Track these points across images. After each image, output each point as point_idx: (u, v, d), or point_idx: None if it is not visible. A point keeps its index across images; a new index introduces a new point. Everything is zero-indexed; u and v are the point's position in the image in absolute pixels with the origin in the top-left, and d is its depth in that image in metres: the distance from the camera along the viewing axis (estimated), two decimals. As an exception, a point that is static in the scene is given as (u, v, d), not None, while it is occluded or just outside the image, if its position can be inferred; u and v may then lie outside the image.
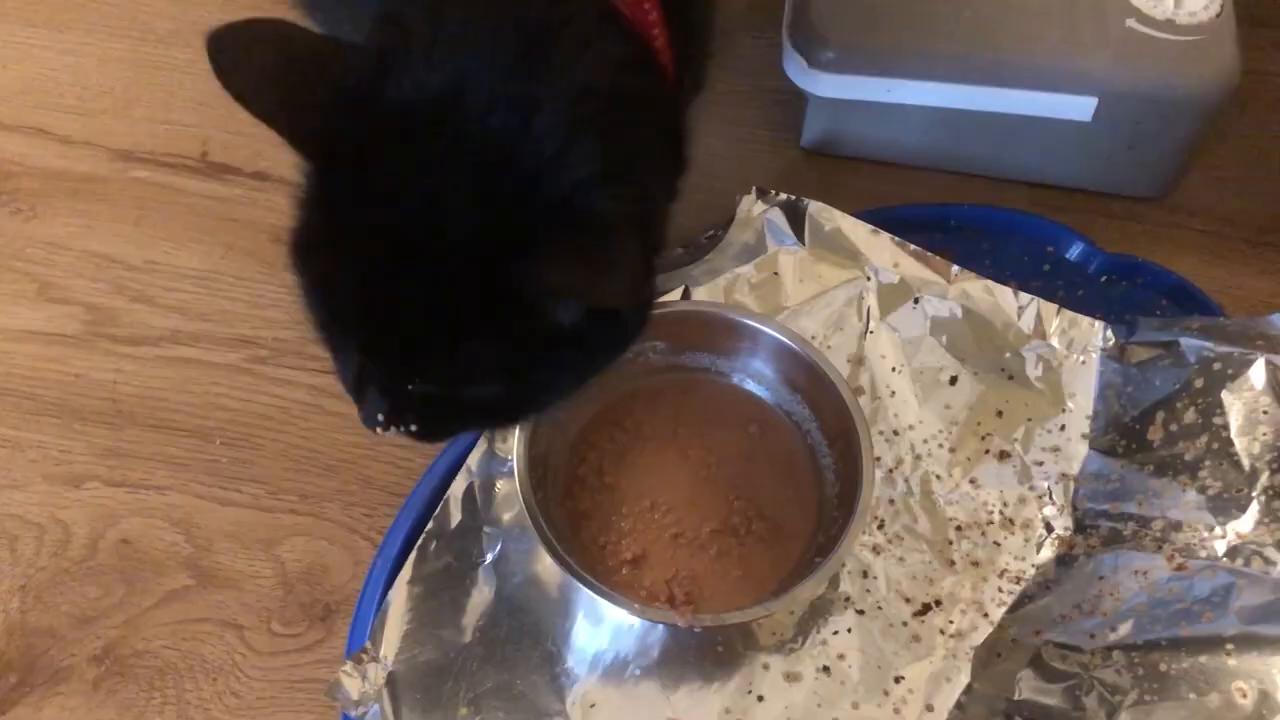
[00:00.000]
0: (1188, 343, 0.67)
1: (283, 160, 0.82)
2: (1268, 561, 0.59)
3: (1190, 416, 0.66)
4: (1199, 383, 0.66)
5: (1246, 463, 0.63)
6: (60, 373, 0.73)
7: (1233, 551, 0.61)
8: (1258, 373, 0.64)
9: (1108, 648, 0.59)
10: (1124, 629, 0.59)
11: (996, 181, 0.82)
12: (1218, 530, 0.62)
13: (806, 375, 0.68)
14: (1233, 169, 0.83)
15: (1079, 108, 0.75)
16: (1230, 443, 0.63)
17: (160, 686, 0.63)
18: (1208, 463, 0.64)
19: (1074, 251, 0.78)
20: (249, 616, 0.66)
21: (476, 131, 0.48)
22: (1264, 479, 0.62)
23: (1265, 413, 0.63)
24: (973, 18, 0.76)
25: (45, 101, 0.84)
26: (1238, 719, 0.53)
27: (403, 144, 0.49)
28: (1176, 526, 0.63)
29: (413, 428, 0.55)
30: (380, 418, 0.55)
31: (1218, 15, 0.75)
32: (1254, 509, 0.61)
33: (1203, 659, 0.55)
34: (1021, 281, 0.76)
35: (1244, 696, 0.53)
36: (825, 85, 0.77)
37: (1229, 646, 0.55)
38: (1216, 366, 0.66)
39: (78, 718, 0.63)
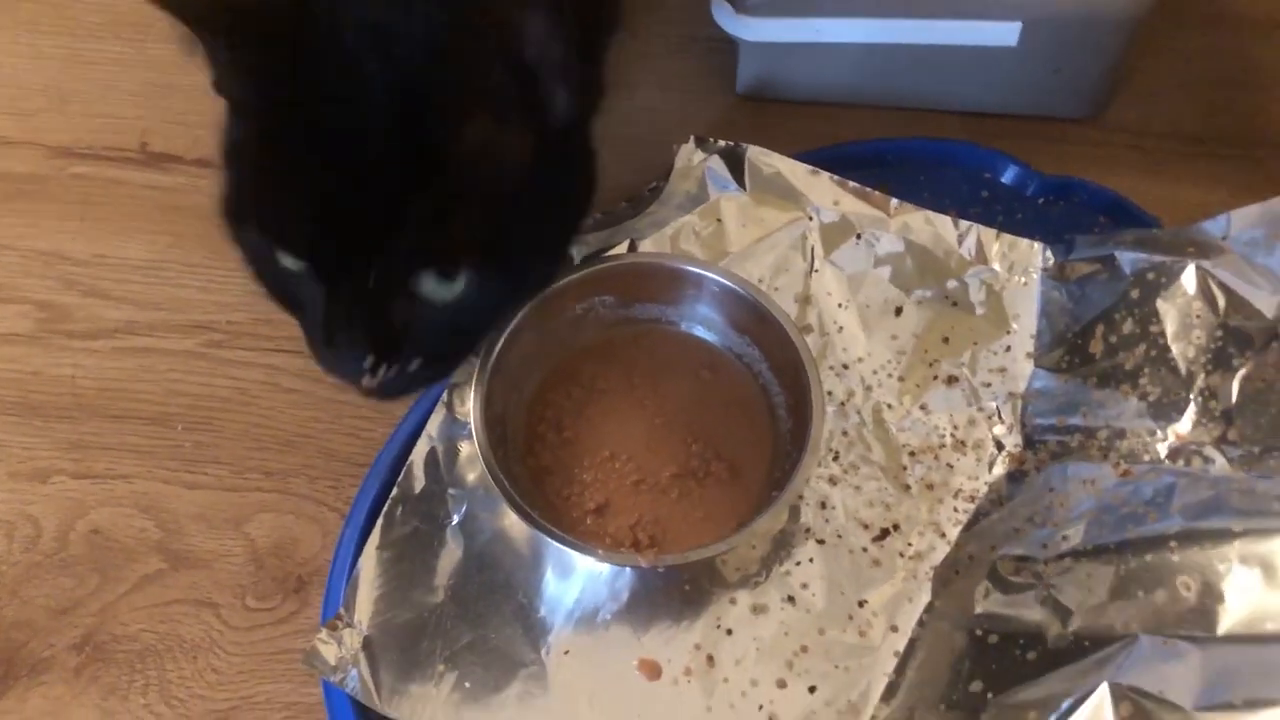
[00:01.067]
0: (1123, 255, 0.69)
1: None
2: (1206, 460, 0.61)
3: (1129, 327, 0.67)
4: (1135, 294, 0.67)
5: (1183, 367, 0.64)
6: (17, 371, 0.73)
7: (1174, 453, 0.62)
8: (1189, 279, 0.65)
9: (1060, 555, 0.61)
10: (1075, 537, 0.61)
11: (932, 113, 0.82)
12: (1159, 434, 0.64)
13: (752, 317, 0.69)
14: (1162, 83, 0.84)
15: (1004, 33, 0.76)
16: (1167, 349, 0.65)
17: (141, 669, 0.65)
18: (1147, 370, 0.65)
19: (1010, 176, 0.79)
20: (223, 594, 0.67)
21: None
22: (1200, 381, 0.63)
23: (1198, 317, 0.64)
24: (894, -48, 0.76)
25: (-19, 103, 0.84)
26: (1183, 610, 0.54)
27: (324, 47, 0.51)
28: (1120, 434, 0.65)
29: (410, 364, 0.55)
30: (368, 361, 0.54)
31: (1134, -69, 0.76)
32: (1191, 410, 0.63)
33: (1148, 558, 0.57)
34: (960, 209, 0.77)
35: (1188, 590, 0.54)
36: (754, 30, 0.78)
37: (1172, 544, 0.57)
38: (1150, 276, 0.67)
39: (63, 705, 0.64)
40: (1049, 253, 0.73)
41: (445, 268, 0.54)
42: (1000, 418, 0.69)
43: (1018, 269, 0.74)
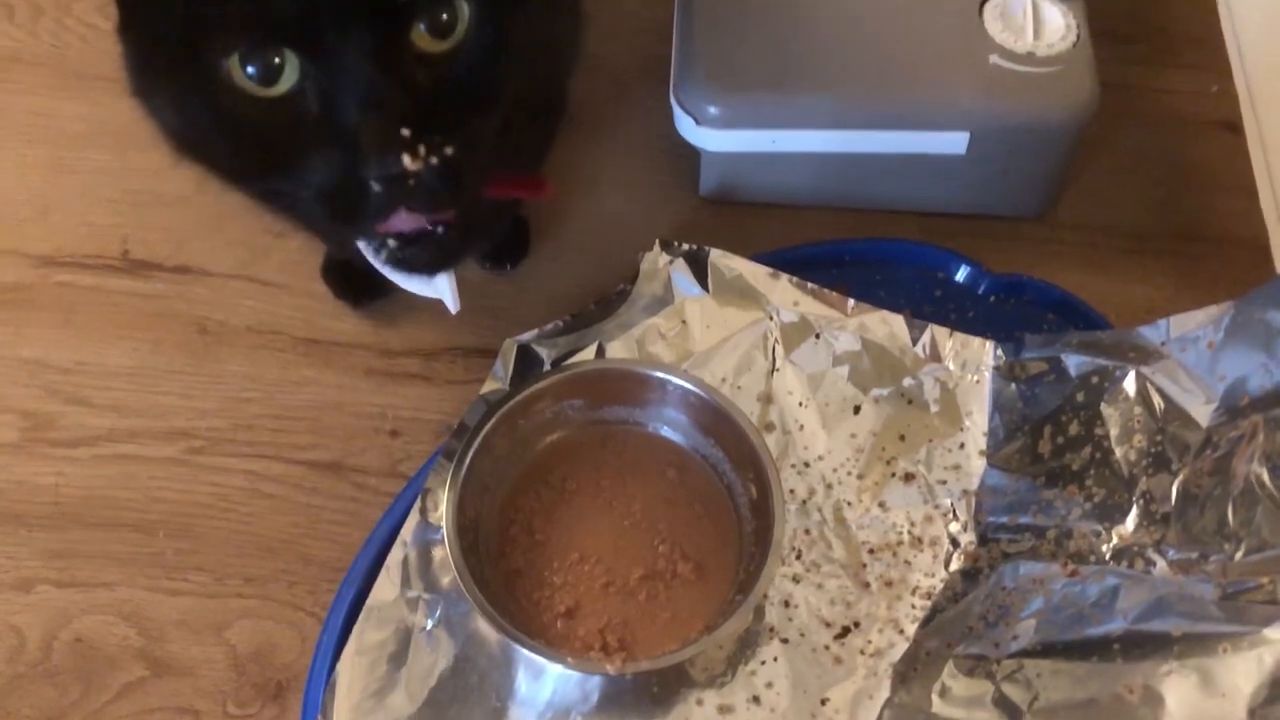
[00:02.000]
0: (1069, 358, 0.72)
1: (203, 252, 0.85)
2: (1148, 562, 0.64)
3: (1075, 429, 0.70)
4: (1080, 396, 0.71)
5: (1125, 469, 0.67)
6: (2, 481, 0.75)
7: (1118, 554, 0.65)
8: (1130, 384, 0.69)
9: (1012, 655, 0.63)
10: (1025, 636, 0.63)
11: (887, 214, 0.86)
12: (1104, 535, 0.67)
13: (716, 419, 0.72)
14: (1106, 182, 0.88)
15: (953, 143, 0.79)
16: (1111, 452, 0.68)
17: (124, 778, 0.66)
18: (1092, 471, 0.68)
19: (962, 274, 0.82)
20: (205, 701, 0.68)
21: None
22: (1141, 484, 0.66)
23: (1139, 421, 0.67)
24: (844, 67, 0.80)
25: (-35, 213, 0.86)
26: (1127, 714, 0.57)
27: None
28: (1068, 534, 0.68)
29: (442, 148, 0.49)
30: (405, 132, 0.47)
31: (1074, 44, 0.79)
32: (1134, 513, 0.66)
33: (1094, 660, 0.59)
34: (915, 308, 0.80)
35: (1131, 693, 0.57)
36: (714, 141, 0.81)
37: (1116, 647, 0.59)
38: (1094, 380, 0.70)
39: (47, 816, 0.65)
40: (1000, 351, 0.77)
41: (438, 10, 0.49)
42: (955, 515, 0.72)
43: (970, 367, 0.77)
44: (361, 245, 0.65)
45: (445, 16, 0.48)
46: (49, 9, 0.96)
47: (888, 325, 0.78)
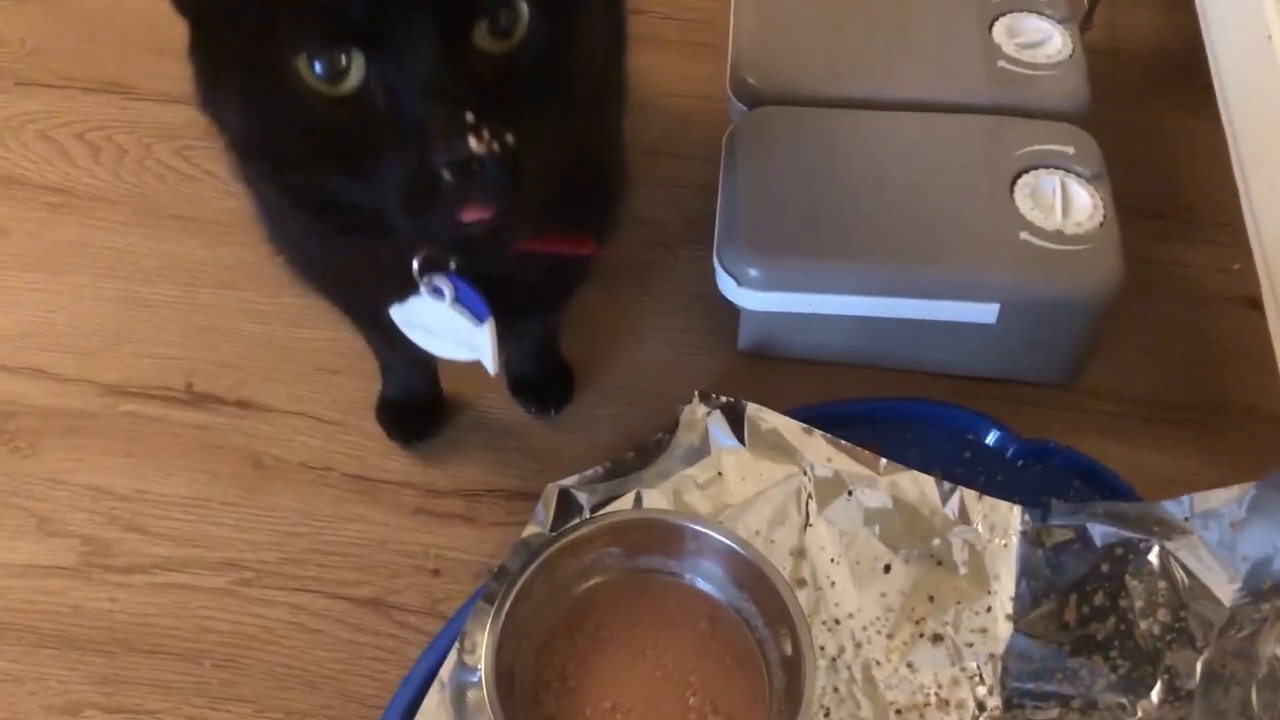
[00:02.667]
0: (1094, 528, 0.74)
1: (263, 387, 0.89)
2: (1173, 738, 0.65)
3: (1100, 599, 0.72)
4: (1105, 567, 0.72)
5: (1149, 643, 0.69)
6: (59, 604, 0.78)
7: (1143, 728, 0.67)
8: (1154, 557, 0.71)
9: (1037, 823, 0.64)
10: (1050, 805, 0.64)
11: (919, 375, 0.89)
12: (1129, 708, 0.68)
13: (750, 574, 0.74)
14: (1133, 352, 0.91)
15: (983, 313, 0.83)
16: (1135, 624, 0.70)
17: None
18: (1117, 643, 0.70)
19: (991, 438, 0.85)
20: (240, 833, 0.70)
21: None
22: (1166, 659, 0.68)
23: (1163, 595, 0.69)
24: (880, 238, 0.84)
25: (42, 343, 0.91)
26: None
27: None
28: (1093, 704, 0.69)
29: (504, 134, 0.49)
30: (470, 118, 0.48)
31: (1101, 224, 0.84)
32: (1159, 687, 0.67)
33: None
34: (945, 469, 0.83)
35: None
36: (754, 301, 0.85)
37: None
38: (1119, 551, 0.72)
39: None
40: (1027, 516, 0.79)
41: (502, 6, 0.50)
42: (981, 678, 0.73)
43: (998, 530, 0.79)
44: (397, 316, 0.64)
45: (504, 19, 0.50)
46: (132, 150, 1.03)
47: (919, 485, 0.81)
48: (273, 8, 0.48)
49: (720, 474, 0.82)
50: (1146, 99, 1.07)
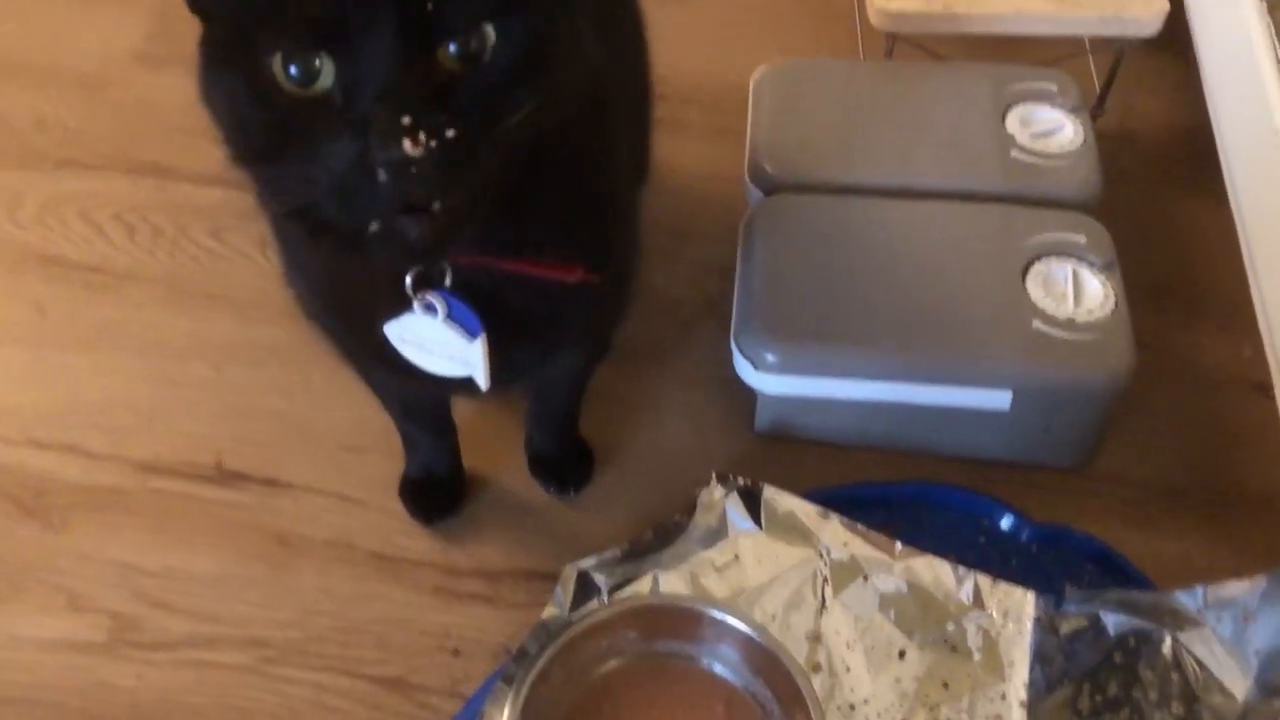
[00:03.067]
0: (1108, 616, 0.75)
1: (290, 466, 0.91)
2: (1189, 835, 0.65)
3: (1113, 689, 0.72)
4: (1118, 657, 0.73)
5: (1163, 735, 0.69)
6: (85, 681, 0.79)
7: (1158, 823, 0.67)
8: (1167, 649, 0.71)
9: None
10: None
11: (934, 457, 0.90)
12: (1143, 801, 0.68)
13: (765, 659, 0.75)
14: (1144, 437, 0.92)
15: (996, 399, 0.84)
16: (1148, 716, 0.70)
17: None
18: (1131, 734, 0.70)
19: (1005, 522, 0.86)
20: None
21: None
22: (1180, 751, 0.68)
23: (1176, 688, 0.70)
24: (894, 325, 0.86)
25: (76, 420, 0.93)
26: None
27: None
28: (1108, 796, 0.69)
29: (445, 131, 0.51)
30: (407, 120, 0.50)
31: (1112, 312, 0.85)
32: (1173, 781, 0.68)
33: None
34: (960, 553, 0.83)
35: None
36: (771, 385, 0.87)
37: None
38: (1132, 642, 0.73)
39: None
40: (1041, 602, 0.79)
41: (470, 31, 0.52)
42: (996, 767, 0.74)
43: (1012, 616, 0.79)
44: (391, 333, 0.65)
45: (473, 44, 0.52)
46: (167, 230, 1.06)
47: (933, 570, 0.82)
48: (250, 9, 0.52)
49: (737, 557, 0.83)
50: (1158, 183, 1.09)
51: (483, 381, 0.66)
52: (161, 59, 1.22)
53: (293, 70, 0.51)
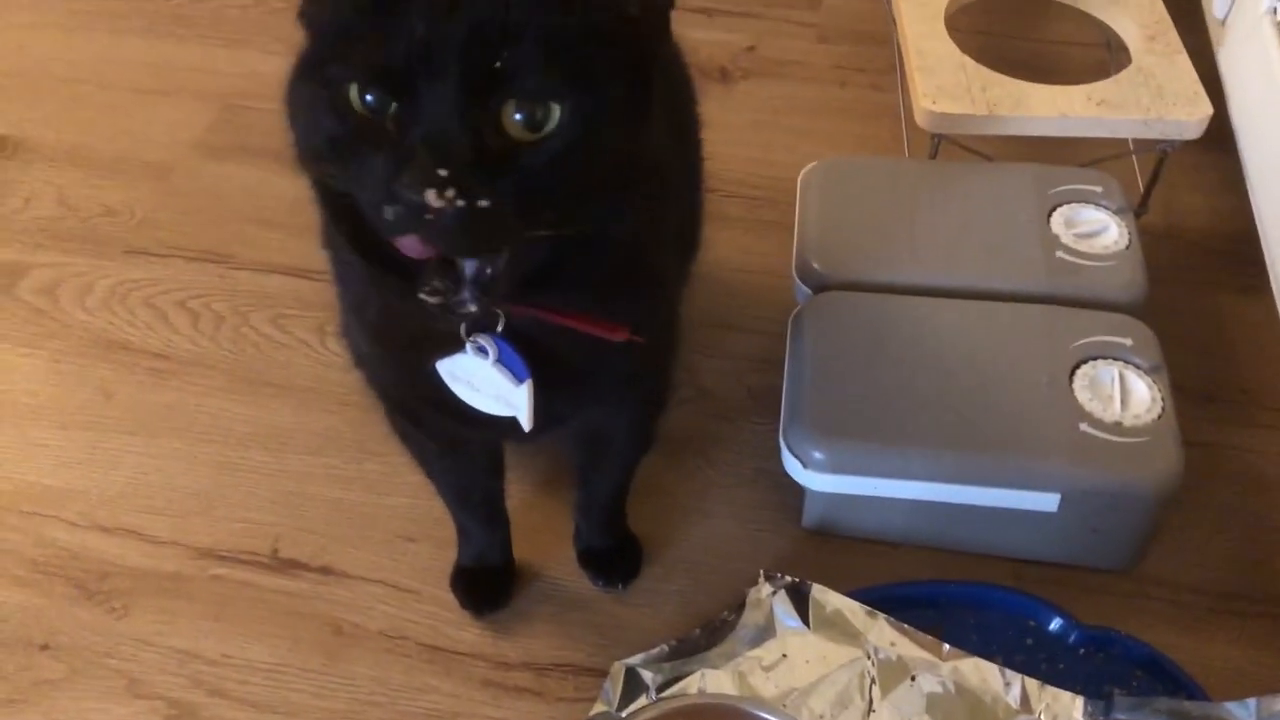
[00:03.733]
0: (1157, 726, 0.75)
1: (345, 554, 0.93)
2: None
3: (1163, 800, 0.72)
4: (1168, 767, 0.73)
5: None
6: (144, 768, 0.81)
7: None
8: (1220, 764, 0.71)
9: None
10: None
11: (981, 556, 0.91)
12: None
13: (814, 763, 0.75)
14: (1194, 538, 0.92)
15: (1044, 501, 0.85)
16: (1202, 831, 0.70)
17: None
18: None
19: (1053, 624, 0.86)
20: None
21: None
22: None
23: (1229, 804, 0.69)
24: (942, 426, 0.87)
25: (139, 504, 0.96)
26: None
27: None
28: None
29: (478, 199, 0.52)
30: (443, 172, 0.52)
31: (1159, 416, 0.86)
32: None
33: None
34: (1007, 655, 0.84)
35: None
36: (819, 482, 0.88)
37: None
38: (1182, 754, 0.73)
39: None
40: (1090, 708, 0.79)
41: (535, 100, 0.54)
42: None
43: (1061, 722, 0.79)
44: (443, 369, 0.67)
45: (538, 114, 0.53)
46: (229, 317, 1.09)
47: (980, 672, 0.82)
48: (333, 41, 0.55)
49: (785, 656, 0.84)
50: (1203, 282, 1.10)
51: (526, 423, 0.68)
52: (224, 149, 1.27)
53: (367, 98, 0.54)
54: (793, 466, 0.89)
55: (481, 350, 0.66)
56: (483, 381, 0.67)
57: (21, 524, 0.95)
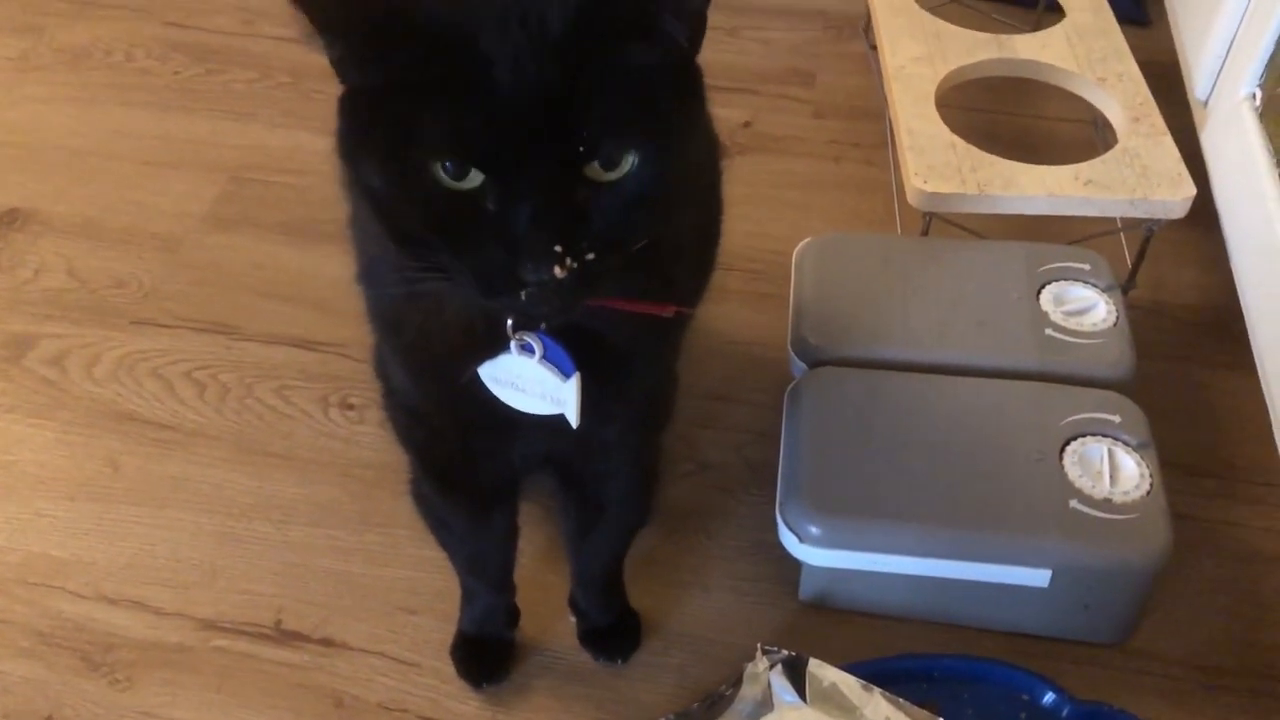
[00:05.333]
0: (1150, 805, 0.76)
1: (346, 626, 0.94)
2: None
3: None
4: (1162, 845, 0.73)
5: None
6: None
7: None
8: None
9: None
10: None
11: (975, 630, 0.92)
12: None
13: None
14: (1184, 613, 0.93)
15: (1036, 577, 0.87)
16: None
17: None
18: None
19: (1047, 699, 0.87)
20: None
21: None
22: None
23: None
24: (935, 503, 0.89)
25: (144, 575, 0.97)
26: None
27: None
28: None
29: (586, 254, 0.57)
30: (558, 248, 0.56)
31: (1148, 493, 0.88)
32: None
33: None
34: (1001, 730, 0.85)
35: None
36: (815, 557, 0.89)
37: None
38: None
39: None
40: (1084, 785, 0.80)
41: (613, 151, 0.57)
42: None
43: (1055, 797, 0.80)
44: (486, 374, 0.68)
45: (613, 157, 0.57)
46: (234, 388, 1.11)
47: (975, 747, 0.83)
48: (418, 124, 0.56)
49: (782, 731, 0.85)
50: (1190, 357, 1.12)
51: (574, 419, 0.69)
52: (231, 221, 1.30)
53: (448, 167, 0.56)
54: (789, 541, 0.91)
55: (527, 348, 0.66)
56: (529, 381, 0.68)
57: (28, 595, 0.96)
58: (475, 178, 0.56)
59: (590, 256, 0.57)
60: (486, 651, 0.92)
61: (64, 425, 1.09)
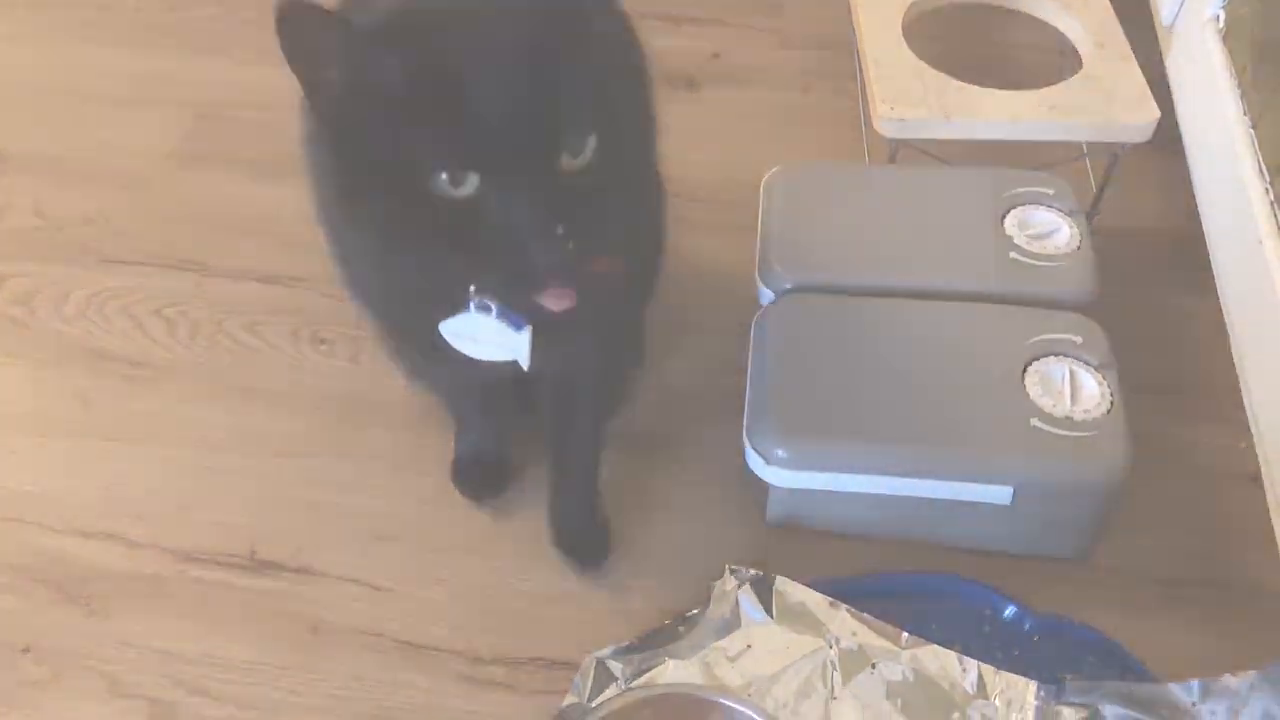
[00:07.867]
0: (1106, 708, 0.78)
1: (321, 555, 0.95)
2: None
3: (1112, 778, 0.75)
4: (1117, 748, 0.76)
5: (1161, 827, 0.72)
6: (121, 771, 0.83)
7: None
8: (1163, 742, 0.74)
9: None
10: None
11: (939, 548, 0.94)
12: None
13: (778, 749, 0.78)
14: (1143, 528, 0.95)
15: (998, 494, 0.88)
16: (1147, 807, 0.73)
17: None
18: (1131, 826, 0.73)
19: (1008, 613, 0.89)
20: None
21: None
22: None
23: (1173, 780, 0.73)
24: (899, 423, 0.90)
25: (119, 509, 0.98)
26: None
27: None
28: None
29: (568, 241, 0.64)
30: (560, 230, 0.64)
31: (1108, 411, 0.89)
32: None
33: None
34: (964, 642, 0.87)
35: None
36: (782, 479, 0.91)
37: None
38: (1130, 733, 0.76)
39: None
40: (1042, 692, 0.82)
41: (576, 140, 0.65)
42: None
43: (1014, 706, 0.83)
44: (446, 329, 0.76)
45: (578, 145, 0.66)
46: (204, 325, 1.11)
47: (939, 660, 0.85)
48: (413, 145, 0.64)
49: (750, 646, 0.87)
50: (1154, 281, 1.14)
51: (525, 363, 0.77)
52: (199, 158, 1.29)
53: (445, 178, 0.64)
54: (756, 464, 0.92)
55: (485, 307, 0.74)
56: (485, 334, 0.75)
57: (2, 530, 0.96)
58: (472, 183, 0.64)
59: (571, 245, 0.65)
60: (484, 470, 0.99)
61: (34, 364, 1.09)
